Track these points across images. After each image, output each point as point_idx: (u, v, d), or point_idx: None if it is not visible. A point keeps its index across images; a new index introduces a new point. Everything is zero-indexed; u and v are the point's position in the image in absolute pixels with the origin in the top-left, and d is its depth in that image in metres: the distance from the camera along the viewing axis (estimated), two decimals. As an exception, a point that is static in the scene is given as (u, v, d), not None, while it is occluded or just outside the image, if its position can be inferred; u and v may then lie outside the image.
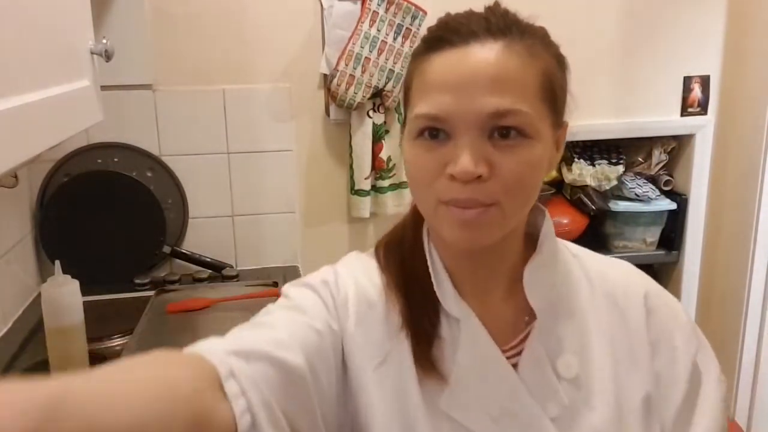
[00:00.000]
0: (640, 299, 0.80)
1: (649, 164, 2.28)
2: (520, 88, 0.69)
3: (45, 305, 1.31)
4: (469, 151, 0.68)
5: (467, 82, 0.68)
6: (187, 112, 1.91)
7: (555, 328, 0.77)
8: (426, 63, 0.72)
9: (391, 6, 1.90)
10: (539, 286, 0.78)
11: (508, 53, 0.69)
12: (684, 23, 2.16)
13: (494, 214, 0.70)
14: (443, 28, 0.73)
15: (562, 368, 0.76)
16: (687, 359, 0.78)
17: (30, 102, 0.86)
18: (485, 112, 0.67)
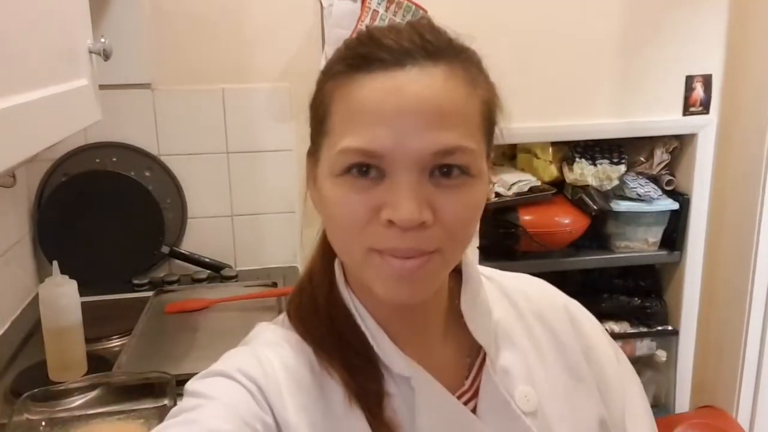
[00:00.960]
0: (563, 311, 0.77)
1: (651, 164, 2.27)
2: (465, 121, 0.61)
3: (43, 306, 1.30)
4: (410, 195, 0.58)
5: (407, 115, 0.58)
6: (186, 111, 1.90)
7: (500, 361, 0.71)
8: (351, 86, 0.61)
9: (392, 5, 1.89)
10: (479, 318, 0.71)
11: (449, 80, 0.60)
12: (686, 22, 2.15)
13: (436, 263, 0.62)
14: (369, 44, 0.62)
15: (521, 402, 0.69)
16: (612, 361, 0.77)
17: (28, 101, 0.85)
18: (428, 151, 0.59)
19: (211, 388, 0.63)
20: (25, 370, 1.38)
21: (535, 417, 0.69)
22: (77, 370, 1.34)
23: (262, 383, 0.64)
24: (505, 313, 0.75)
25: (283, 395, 0.64)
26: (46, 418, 1.16)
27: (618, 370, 0.77)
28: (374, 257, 0.62)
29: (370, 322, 0.69)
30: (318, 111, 0.67)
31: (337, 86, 0.63)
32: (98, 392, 1.27)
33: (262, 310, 1.64)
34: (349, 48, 0.64)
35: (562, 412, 0.71)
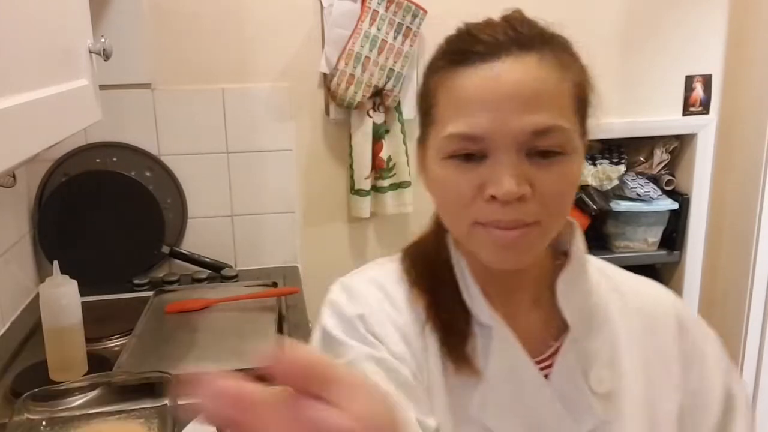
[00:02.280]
0: (671, 315, 0.79)
1: (651, 164, 2.27)
2: (558, 103, 0.67)
3: (43, 306, 1.30)
4: (511, 172, 0.65)
5: (505, 100, 0.65)
6: (186, 111, 1.90)
7: (587, 341, 0.75)
8: (453, 78, 0.69)
9: (392, 5, 1.89)
10: (573, 297, 0.76)
11: (542, 67, 0.67)
12: (686, 22, 2.15)
13: (535, 234, 0.68)
14: (467, 39, 0.70)
15: (594, 382, 0.73)
16: (719, 378, 0.77)
17: (28, 101, 0.85)
18: (526, 132, 0.65)
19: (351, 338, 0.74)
20: (26, 370, 1.38)
21: (607, 399, 0.73)
22: (77, 370, 1.34)
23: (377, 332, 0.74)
24: (608, 302, 0.78)
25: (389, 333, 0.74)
26: (47, 417, 1.16)
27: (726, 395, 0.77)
28: (479, 230, 0.69)
29: (468, 278, 0.75)
30: (424, 103, 0.74)
31: (440, 80, 0.70)
32: (98, 392, 1.27)
33: (262, 310, 1.64)
34: (450, 43, 0.72)
35: (637, 400, 0.74)
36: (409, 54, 1.94)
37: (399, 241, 2.26)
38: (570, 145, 0.68)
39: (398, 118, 2.00)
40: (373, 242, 2.13)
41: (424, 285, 0.77)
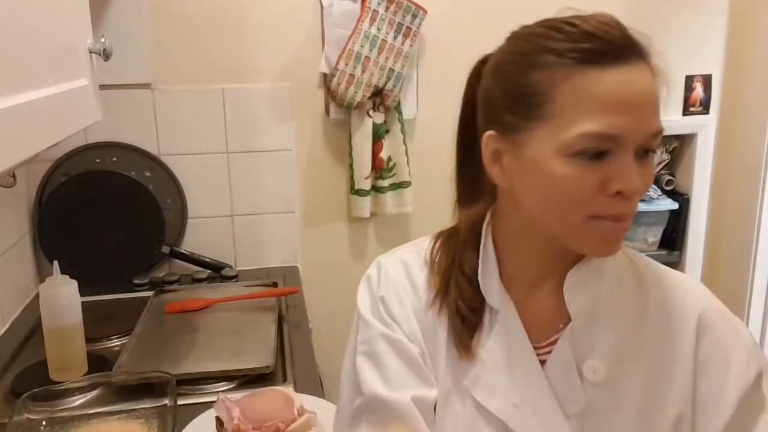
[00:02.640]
0: (693, 316, 0.79)
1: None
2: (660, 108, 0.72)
3: (43, 306, 1.30)
4: (636, 170, 0.70)
5: (640, 104, 0.69)
6: (186, 111, 1.90)
7: (589, 333, 0.79)
8: (581, 77, 0.69)
9: (392, 5, 1.89)
10: (581, 291, 0.79)
11: (653, 74, 0.71)
12: (686, 23, 2.15)
13: (630, 224, 0.74)
14: (596, 40, 0.70)
15: (588, 371, 0.77)
16: (740, 383, 0.77)
17: (28, 101, 0.85)
18: (651, 134, 0.70)
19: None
20: (26, 370, 1.39)
21: (597, 388, 0.77)
22: (77, 370, 1.34)
23: (393, 312, 0.84)
24: (627, 297, 0.81)
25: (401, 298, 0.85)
26: (47, 417, 1.16)
27: (744, 398, 0.77)
28: (593, 223, 0.72)
29: (491, 258, 0.82)
30: (539, 95, 0.72)
31: (563, 76, 0.70)
32: (98, 392, 1.27)
33: (262, 310, 1.64)
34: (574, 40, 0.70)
35: (633, 396, 0.77)
36: (409, 54, 1.95)
37: (399, 241, 2.26)
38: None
39: (398, 118, 2.00)
40: (373, 242, 2.13)
41: (443, 270, 0.84)
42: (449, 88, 2.18)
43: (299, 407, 1.10)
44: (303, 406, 1.11)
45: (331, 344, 2.13)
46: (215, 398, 1.13)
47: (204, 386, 1.32)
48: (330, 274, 2.12)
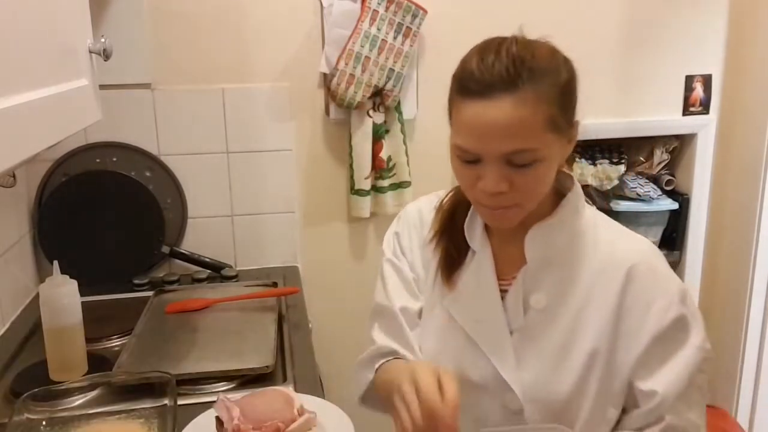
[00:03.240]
0: (623, 269, 0.99)
1: (651, 164, 2.27)
2: (529, 130, 0.89)
3: (43, 305, 1.30)
4: (491, 176, 0.92)
5: (488, 131, 0.90)
6: (186, 111, 1.90)
7: (540, 273, 1.03)
8: (458, 104, 0.93)
9: (392, 5, 1.89)
10: (537, 242, 1.03)
11: (519, 105, 0.88)
12: (686, 22, 2.15)
13: (515, 211, 0.97)
14: (469, 78, 0.92)
15: (534, 301, 1.02)
16: (659, 320, 0.96)
17: (28, 101, 0.85)
18: (503, 152, 0.90)
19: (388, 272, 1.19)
20: (26, 370, 1.39)
21: (540, 313, 1.02)
22: (77, 370, 1.34)
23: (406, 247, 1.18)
24: (581, 250, 1.03)
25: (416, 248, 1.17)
26: (47, 417, 1.16)
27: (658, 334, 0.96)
28: (477, 205, 1.00)
29: (478, 218, 1.07)
30: (449, 109, 0.99)
31: (453, 101, 0.96)
32: (98, 392, 1.27)
33: (262, 310, 1.64)
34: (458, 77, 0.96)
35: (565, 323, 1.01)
36: (409, 54, 1.95)
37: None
38: (540, 155, 0.91)
39: (398, 118, 2.00)
40: (373, 242, 2.13)
41: (444, 217, 1.11)
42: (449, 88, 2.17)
43: (299, 407, 1.10)
44: (303, 406, 1.11)
45: (331, 344, 2.13)
46: (215, 398, 1.13)
47: (204, 386, 1.32)
48: (330, 274, 2.13)
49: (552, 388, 1.00)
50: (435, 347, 1.10)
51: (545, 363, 1.01)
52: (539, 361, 1.01)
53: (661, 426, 0.96)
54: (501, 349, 1.03)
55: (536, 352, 1.01)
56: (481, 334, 1.05)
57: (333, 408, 1.20)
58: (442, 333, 1.09)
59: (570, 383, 0.99)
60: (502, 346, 1.03)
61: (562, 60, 0.95)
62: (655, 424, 0.97)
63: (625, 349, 0.98)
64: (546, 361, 1.01)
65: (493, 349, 1.03)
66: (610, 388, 1.00)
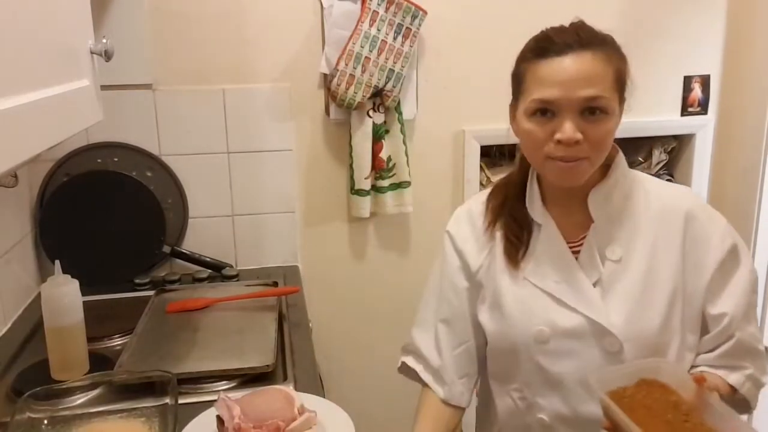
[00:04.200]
0: (681, 213, 1.13)
1: (650, 164, 2.28)
2: (602, 82, 1.04)
3: (45, 305, 1.31)
4: (569, 124, 1.03)
5: (572, 79, 1.03)
6: (187, 111, 1.91)
7: (608, 228, 1.14)
8: (535, 65, 1.06)
9: (391, 5, 1.90)
10: (598, 202, 1.14)
11: (594, 60, 1.04)
12: (684, 23, 2.16)
13: (585, 165, 1.07)
14: (546, 40, 1.07)
15: (609, 253, 1.12)
16: (719, 251, 1.11)
17: (30, 102, 0.86)
18: (581, 99, 1.03)
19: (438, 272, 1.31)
20: (27, 369, 1.39)
21: (617, 264, 1.12)
22: (79, 369, 1.35)
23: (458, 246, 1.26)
24: (636, 205, 1.15)
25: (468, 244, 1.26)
26: (48, 416, 1.17)
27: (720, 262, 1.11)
28: (549, 162, 1.08)
29: (536, 191, 1.19)
30: (516, 80, 1.13)
31: (527, 66, 1.09)
32: (100, 391, 1.28)
33: (262, 310, 1.64)
34: (535, 42, 1.09)
35: (641, 266, 1.11)
36: (408, 54, 1.95)
37: (399, 241, 2.28)
38: (609, 107, 1.04)
39: (398, 119, 2.01)
40: (373, 242, 2.14)
41: (496, 207, 1.23)
42: (449, 89, 2.18)
43: (299, 406, 1.11)
44: (303, 405, 1.12)
45: (332, 343, 2.14)
46: (216, 397, 1.14)
47: (205, 385, 1.32)
48: (330, 274, 2.13)
49: (644, 325, 1.09)
50: (523, 315, 1.16)
51: (633, 305, 1.10)
52: (627, 304, 1.10)
53: (731, 343, 1.11)
54: (589, 301, 1.11)
55: (622, 297, 1.10)
56: (566, 293, 1.13)
57: (333, 407, 1.20)
58: (527, 301, 1.16)
59: (658, 319, 1.09)
60: (589, 298, 1.11)
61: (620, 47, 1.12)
62: (726, 341, 1.11)
63: (695, 280, 1.11)
64: (633, 303, 1.10)
65: (581, 303, 1.12)
66: (689, 317, 1.12)
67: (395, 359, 1.35)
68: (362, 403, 1.66)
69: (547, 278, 1.15)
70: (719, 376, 1.12)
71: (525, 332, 1.15)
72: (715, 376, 1.11)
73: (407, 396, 1.27)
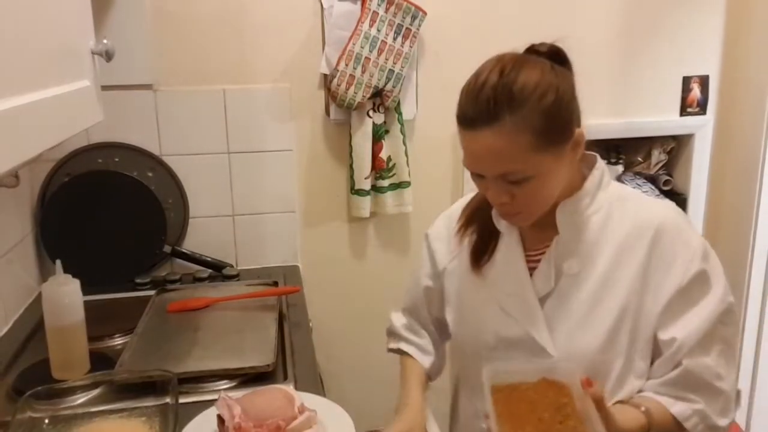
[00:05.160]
0: (651, 228, 1.07)
1: (649, 164, 2.28)
2: (510, 156, 0.98)
3: (46, 304, 1.31)
4: (492, 190, 1.03)
5: (477, 157, 1.01)
6: (188, 112, 1.91)
7: (572, 242, 1.09)
8: (460, 130, 1.03)
9: (391, 6, 1.90)
10: (566, 215, 1.09)
11: (500, 134, 0.97)
12: (683, 23, 2.16)
13: (523, 215, 1.06)
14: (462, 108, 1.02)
15: (567, 267, 1.09)
16: (682, 275, 1.04)
17: (31, 102, 0.86)
18: (496, 175, 1.00)
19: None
20: (28, 369, 1.39)
21: (573, 278, 1.08)
22: (80, 369, 1.35)
23: (434, 247, 1.30)
24: (607, 221, 1.09)
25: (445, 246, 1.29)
26: (49, 416, 1.17)
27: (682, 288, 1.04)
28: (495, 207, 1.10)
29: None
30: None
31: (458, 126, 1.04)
32: (101, 390, 1.28)
33: (263, 309, 1.65)
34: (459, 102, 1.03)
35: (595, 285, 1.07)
36: (408, 55, 1.96)
37: (399, 241, 2.30)
38: (530, 172, 0.99)
39: (398, 119, 2.01)
40: (373, 242, 2.14)
41: (470, 211, 1.22)
42: (448, 89, 2.18)
43: (300, 405, 1.11)
44: (303, 404, 1.12)
45: (332, 343, 2.14)
46: (216, 396, 1.14)
47: (205, 385, 1.33)
48: (330, 274, 2.13)
49: (583, 343, 1.06)
50: (475, 323, 1.19)
51: (575, 322, 1.07)
52: (570, 319, 1.08)
53: (678, 371, 1.04)
54: (532, 316, 1.10)
55: (568, 313, 1.08)
56: (513, 305, 1.13)
57: (333, 406, 1.21)
58: (480, 309, 1.18)
59: (600, 338, 1.05)
60: (532, 314, 1.10)
61: (551, 80, 0.99)
62: (673, 369, 1.04)
63: (652, 302, 1.05)
64: (576, 320, 1.07)
65: (524, 318, 1.11)
66: (639, 340, 1.06)
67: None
68: (362, 403, 1.66)
69: (500, 288, 1.15)
70: (659, 402, 1.05)
71: (476, 338, 1.18)
72: (653, 401, 1.05)
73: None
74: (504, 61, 1.02)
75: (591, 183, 1.10)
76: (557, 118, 0.99)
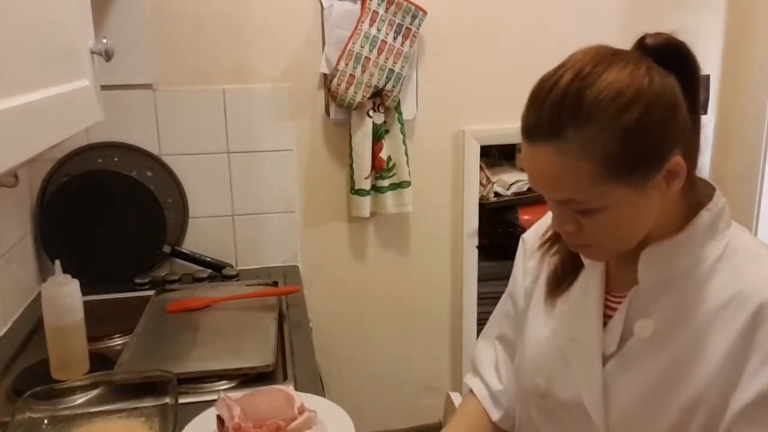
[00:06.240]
0: (754, 304, 0.81)
1: (650, 164, 2.27)
2: (572, 182, 0.79)
3: (45, 305, 1.31)
4: (555, 216, 0.88)
5: (535, 177, 0.84)
6: (188, 111, 1.91)
7: (653, 298, 0.89)
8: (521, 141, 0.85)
9: (391, 6, 1.90)
10: (653, 264, 0.88)
11: (558, 157, 0.79)
12: (684, 23, 2.15)
13: (594, 250, 0.90)
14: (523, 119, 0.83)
15: (638, 327, 0.89)
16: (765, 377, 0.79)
17: (30, 102, 0.86)
18: (551, 198, 0.85)
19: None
20: (28, 369, 1.39)
21: (643, 342, 0.88)
22: (79, 369, 1.35)
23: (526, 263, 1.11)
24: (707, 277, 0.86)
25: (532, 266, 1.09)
26: (49, 416, 1.17)
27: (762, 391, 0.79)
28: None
29: None
30: None
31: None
32: (100, 391, 1.28)
33: (262, 309, 1.65)
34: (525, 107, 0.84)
35: (669, 360, 0.86)
36: (408, 54, 1.95)
37: (399, 241, 2.29)
38: (594, 205, 0.81)
39: (398, 119, 2.01)
40: (373, 242, 2.14)
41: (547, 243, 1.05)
42: (449, 89, 2.19)
43: (300, 406, 1.11)
44: (303, 404, 1.12)
45: (332, 343, 2.14)
46: (216, 397, 1.14)
47: (205, 385, 1.32)
48: (330, 274, 2.13)
49: (643, 426, 0.88)
50: (532, 358, 1.02)
51: (639, 396, 0.88)
52: (633, 393, 0.88)
53: None
54: (589, 374, 0.92)
55: (632, 383, 0.89)
56: (575, 354, 0.95)
57: (333, 406, 1.20)
58: (542, 345, 1.01)
59: (666, 425, 0.85)
60: (591, 371, 0.92)
61: (641, 88, 0.77)
62: None
63: (735, 393, 0.81)
64: (641, 394, 0.88)
65: (582, 372, 0.94)
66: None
67: (395, 359, 1.36)
68: (362, 403, 1.66)
69: (566, 330, 0.98)
70: None
71: (527, 377, 1.02)
72: None
73: (407, 396, 1.28)
74: (589, 56, 0.81)
75: (696, 228, 0.86)
76: (641, 142, 0.77)
